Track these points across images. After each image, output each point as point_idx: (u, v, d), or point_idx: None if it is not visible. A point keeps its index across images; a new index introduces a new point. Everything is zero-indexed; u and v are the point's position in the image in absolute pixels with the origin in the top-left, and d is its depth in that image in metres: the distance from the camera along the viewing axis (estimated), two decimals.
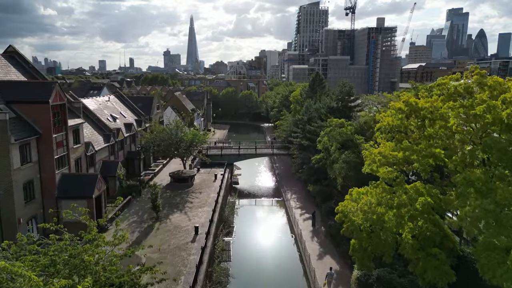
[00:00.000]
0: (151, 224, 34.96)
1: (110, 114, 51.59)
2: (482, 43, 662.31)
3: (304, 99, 72.25)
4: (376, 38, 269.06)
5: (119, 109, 56.15)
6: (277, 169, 71.00)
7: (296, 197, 52.52)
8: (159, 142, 48.40)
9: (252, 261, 36.11)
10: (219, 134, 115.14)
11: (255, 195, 58.92)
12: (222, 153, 66.63)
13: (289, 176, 63.31)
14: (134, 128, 53.16)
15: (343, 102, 48.14)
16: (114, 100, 57.49)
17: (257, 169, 76.25)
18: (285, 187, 57.33)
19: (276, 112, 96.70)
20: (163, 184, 48.18)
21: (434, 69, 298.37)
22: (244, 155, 67.03)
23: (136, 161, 50.75)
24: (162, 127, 50.33)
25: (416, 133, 21.64)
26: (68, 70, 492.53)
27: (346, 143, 35.03)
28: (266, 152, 68.75)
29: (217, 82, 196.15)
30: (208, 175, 52.90)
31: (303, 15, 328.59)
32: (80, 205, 31.78)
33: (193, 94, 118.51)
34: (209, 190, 45.91)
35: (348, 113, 48.26)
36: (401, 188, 20.37)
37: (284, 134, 70.98)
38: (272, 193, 59.16)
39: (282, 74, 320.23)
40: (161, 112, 71.29)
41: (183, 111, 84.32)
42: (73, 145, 35.03)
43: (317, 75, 72.79)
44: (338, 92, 48.65)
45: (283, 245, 39.77)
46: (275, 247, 39.88)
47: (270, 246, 40.38)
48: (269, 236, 41.88)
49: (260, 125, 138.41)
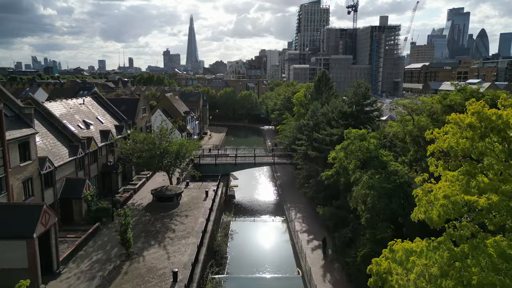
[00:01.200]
0: (118, 265, 27.22)
1: (83, 119, 43.88)
2: (484, 43, 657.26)
3: (309, 101, 64.59)
4: (379, 37, 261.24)
5: (96, 113, 48.43)
6: (278, 179, 63.28)
7: (302, 216, 44.80)
8: (140, 153, 40.71)
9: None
10: (216, 137, 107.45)
11: (254, 212, 51.19)
12: (216, 163, 58.96)
13: (292, 188, 55.61)
14: (112, 136, 45.41)
15: (358, 106, 40.40)
16: (91, 103, 49.76)
17: (256, 178, 68.54)
18: (288, 203, 49.63)
19: (277, 115, 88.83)
20: (143, 203, 40.44)
21: (439, 68, 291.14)
22: (241, 165, 59.32)
23: (114, 176, 43.04)
24: (143, 135, 42.49)
25: (498, 163, 13.94)
26: (66, 70, 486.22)
27: (369, 161, 27.33)
28: (266, 161, 61.03)
29: (215, 82, 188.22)
30: (198, 190, 45.15)
31: (304, 14, 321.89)
32: (17, 248, 24.50)
33: (188, 95, 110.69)
34: (198, 212, 38.20)
35: (365, 120, 40.55)
36: (480, 253, 12.69)
37: (286, 141, 63.29)
38: (274, 210, 51.42)
39: (283, 74, 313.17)
40: (149, 116, 63.51)
41: (174, 114, 76.51)
42: (19, 163, 27.34)
43: (323, 74, 65.02)
44: (351, 94, 40.90)
45: (288, 286, 32.07)
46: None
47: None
48: (270, 272, 34.09)
49: (259, 127, 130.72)
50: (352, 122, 40.54)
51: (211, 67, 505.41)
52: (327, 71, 66.40)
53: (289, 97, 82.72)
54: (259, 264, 35.42)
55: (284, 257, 37.05)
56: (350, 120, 41.02)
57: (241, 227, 45.50)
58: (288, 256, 37.18)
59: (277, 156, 62.11)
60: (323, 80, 64.69)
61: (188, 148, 42.32)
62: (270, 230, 45.46)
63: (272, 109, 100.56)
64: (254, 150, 63.86)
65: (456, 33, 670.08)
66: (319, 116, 52.16)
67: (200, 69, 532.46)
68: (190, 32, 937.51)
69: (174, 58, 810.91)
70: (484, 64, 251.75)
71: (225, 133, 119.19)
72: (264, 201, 55.69)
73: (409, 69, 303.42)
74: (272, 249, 40.24)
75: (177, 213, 37.97)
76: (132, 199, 41.95)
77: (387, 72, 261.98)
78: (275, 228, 45.83)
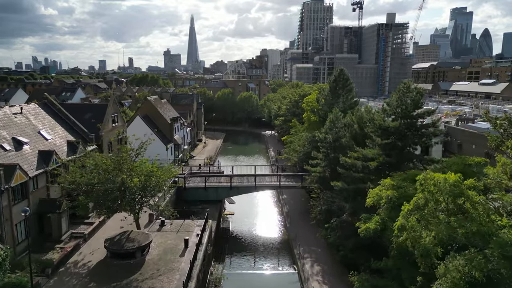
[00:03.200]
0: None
1: (13, 136, 31.08)
2: (487, 42, 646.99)
3: (322, 106, 51.75)
4: (386, 35, 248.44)
5: (40, 126, 35.62)
6: (285, 204, 50.45)
7: (322, 271, 32.12)
8: (87, 187, 27.82)
9: None
10: (212, 145, 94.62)
11: (254, 259, 38.43)
12: (206, 186, 46.20)
13: (304, 220, 42.82)
14: (57, 158, 32.51)
15: (407, 119, 27.49)
16: (35, 111, 36.93)
17: (256, 201, 55.66)
18: (301, 246, 36.86)
19: (283, 122, 75.70)
20: (92, 262, 27.54)
21: (448, 68, 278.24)
22: (237, 189, 46.54)
23: (55, 217, 30.15)
24: (91, 161, 29.28)
25: None
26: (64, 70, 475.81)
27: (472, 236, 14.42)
28: (269, 183, 48.07)
29: (213, 82, 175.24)
30: (176, 236, 32.22)
31: (307, 12, 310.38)
32: None
33: (181, 97, 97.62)
34: (171, 277, 25.42)
35: (416, 140, 27.61)
36: None
37: (295, 156, 50.47)
38: (281, 255, 38.67)
39: (285, 74, 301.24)
40: (123, 126, 50.55)
41: (159, 122, 63.67)
42: None
43: (340, 73, 52.03)
44: (395, 101, 27.87)
45: None
46: None
47: None
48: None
49: (261, 132, 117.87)
50: (397, 142, 27.67)
51: (212, 67, 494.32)
52: (345, 69, 53.31)
53: (297, 101, 69.76)
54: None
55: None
56: (393, 138, 28.11)
57: (236, 285, 32.73)
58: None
59: (284, 177, 49.24)
60: (341, 80, 51.70)
61: (160, 179, 29.39)
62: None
63: (276, 114, 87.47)
64: (255, 169, 50.87)
65: (459, 32, 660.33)
66: (339, 128, 39.41)
67: (201, 69, 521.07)
68: (191, 32, 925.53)
69: (175, 58, 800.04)
70: (497, 64, 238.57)
71: (222, 139, 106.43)
72: (268, 240, 42.85)
73: (415, 69, 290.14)
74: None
75: (140, 278, 25.10)
76: (78, 253, 29.08)
77: (394, 72, 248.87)
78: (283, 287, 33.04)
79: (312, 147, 45.89)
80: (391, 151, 28.19)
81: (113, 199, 27.73)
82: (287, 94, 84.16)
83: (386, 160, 27.00)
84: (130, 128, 56.02)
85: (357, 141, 37.54)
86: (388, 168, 27.57)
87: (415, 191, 22.18)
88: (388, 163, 27.28)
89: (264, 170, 65.31)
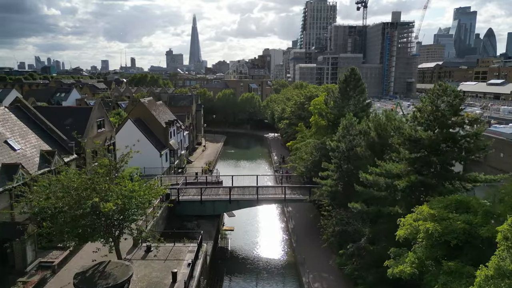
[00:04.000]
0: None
1: None
2: (491, 42, 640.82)
3: (332, 110, 46.68)
4: (391, 34, 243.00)
5: (8, 134, 30.69)
6: (291, 219, 45.39)
7: None
8: (54, 212, 22.83)
9: None
10: (212, 149, 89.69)
11: (256, 286, 33.33)
12: (202, 199, 41.17)
13: (312, 239, 37.71)
14: (24, 172, 27.54)
15: (443, 129, 22.32)
16: (3, 117, 31.96)
17: (258, 214, 50.55)
18: (310, 273, 31.81)
19: (287, 125, 70.54)
20: None
21: (454, 68, 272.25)
22: (237, 202, 41.47)
23: (18, 245, 25.15)
24: (70, 176, 24.27)
25: None
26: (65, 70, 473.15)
27: None
28: (273, 196, 42.96)
29: (213, 83, 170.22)
30: (163, 266, 27.17)
31: (310, 11, 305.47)
32: None
33: (179, 99, 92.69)
34: None
35: (455, 155, 22.40)
36: None
37: (302, 165, 45.35)
38: (286, 284, 33.49)
39: (288, 74, 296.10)
40: (111, 131, 45.57)
41: (153, 126, 58.68)
42: None
43: (352, 73, 46.84)
44: (430, 108, 22.61)
45: None
46: None
47: None
48: None
49: (263, 135, 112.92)
50: (431, 157, 22.50)
51: (214, 67, 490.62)
52: (356, 68, 48.13)
53: (302, 103, 64.60)
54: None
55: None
56: (424, 151, 22.96)
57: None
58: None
59: (290, 189, 44.14)
60: (352, 80, 46.58)
61: (143, 199, 24.33)
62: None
63: (280, 116, 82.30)
64: (257, 179, 45.78)
65: (463, 32, 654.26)
66: (354, 136, 34.36)
67: (203, 69, 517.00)
68: (193, 32, 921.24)
69: (177, 58, 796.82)
70: (506, 64, 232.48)
71: (223, 142, 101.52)
72: (272, 262, 37.66)
73: (420, 69, 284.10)
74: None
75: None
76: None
77: (399, 72, 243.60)
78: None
79: (321, 155, 40.92)
80: (423, 167, 23.06)
81: (83, 225, 22.69)
82: (291, 96, 79.03)
83: (419, 179, 21.82)
84: (120, 133, 51.22)
85: (375, 150, 32.52)
86: (421, 189, 22.47)
87: (465, 225, 17.14)
88: (422, 183, 22.13)
89: (267, 179, 60.26)
